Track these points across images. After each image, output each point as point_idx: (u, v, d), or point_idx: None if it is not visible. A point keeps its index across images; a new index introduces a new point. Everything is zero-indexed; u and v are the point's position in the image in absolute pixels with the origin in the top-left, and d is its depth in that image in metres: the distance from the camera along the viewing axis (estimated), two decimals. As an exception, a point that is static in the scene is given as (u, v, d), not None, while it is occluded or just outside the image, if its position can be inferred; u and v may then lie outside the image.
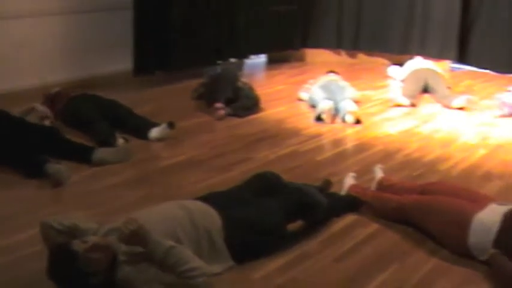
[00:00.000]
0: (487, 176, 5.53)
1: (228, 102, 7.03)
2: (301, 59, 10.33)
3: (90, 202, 4.73)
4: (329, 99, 7.01)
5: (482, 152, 6.17)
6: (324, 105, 6.84)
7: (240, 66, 9.39)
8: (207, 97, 7.37)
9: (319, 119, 6.86)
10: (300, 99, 7.71)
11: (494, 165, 5.83)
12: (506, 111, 7.46)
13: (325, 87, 7.33)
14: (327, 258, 3.96)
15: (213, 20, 8.84)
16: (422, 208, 4.24)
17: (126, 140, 5.99)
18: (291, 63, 10.06)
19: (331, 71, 8.10)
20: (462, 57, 10.35)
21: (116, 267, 3.35)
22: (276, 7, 9.71)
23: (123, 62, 8.21)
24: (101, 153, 5.52)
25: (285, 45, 10.16)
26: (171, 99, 7.74)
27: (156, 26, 8.27)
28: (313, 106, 7.22)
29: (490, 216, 3.92)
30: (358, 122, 6.84)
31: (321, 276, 3.75)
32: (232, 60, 9.44)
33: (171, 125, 6.12)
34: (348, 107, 6.79)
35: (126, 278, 3.34)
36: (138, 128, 6.25)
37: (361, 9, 10.38)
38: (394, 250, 4.10)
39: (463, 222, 3.95)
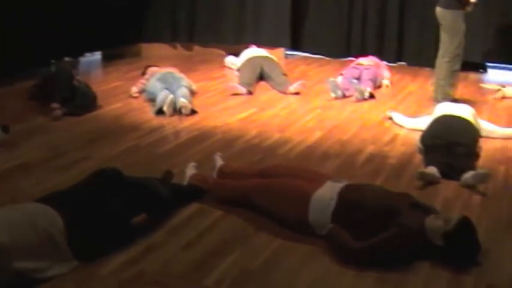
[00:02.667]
0: (325, 156, 5.75)
1: (64, 102, 6.86)
2: (137, 54, 10.23)
3: None
4: (167, 89, 7.01)
5: (318, 133, 6.39)
6: (164, 97, 6.83)
7: (74, 65, 9.18)
8: (42, 97, 7.15)
9: (160, 111, 6.83)
10: (132, 96, 7.62)
11: (331, 145, 6.06)
12: (339, 93, 7.75)
13: (162, 79, 7.31)
14: (174, 248, 3.96)
15: (45, 18, 8.58)
16: (263, 191, 4.33)
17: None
18: (126, 59, 9.94)
19: (151, 65, 8.08)
20: (296, 44, 10.66)
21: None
22: (109, 3, 9.55)
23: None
24: None
25: (120, 41, 10.02)
26: (3, 103, 7.45)
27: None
28: (152, 100, 7.18)
29: (327, 193, 4.07)
30: (193, 112, 6.88)
31: (168, 266, 3.74)
32: (67, 58, 9.21)
33: (5, 129, 5.90)
34: (179, 103, 6.80)
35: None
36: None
37: (194, 2, 10.43)
38: (238, 234, 4.16)
39: (302, 201, 4.08)
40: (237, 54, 9.35)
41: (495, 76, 9.92)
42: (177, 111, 6.83)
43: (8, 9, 8.00)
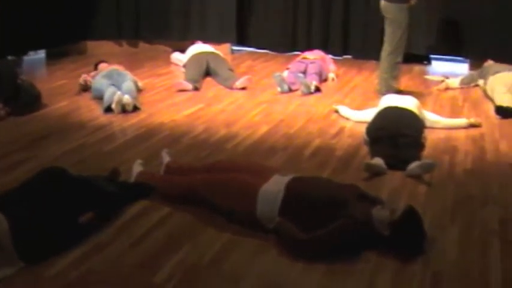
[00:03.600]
0: (272, 150, 5.78)
1: (8, 101, 6.75)
2: (82, 52, 10.13)
3: None
4: (114, 86, 6.96)
5: (265, 127, 6.42)
6: (111, 94, 6.78)
7: (18, 63, 9.03)
8: (-16, 97, 7.04)
9: (108, 109, 6.77)
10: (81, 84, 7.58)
11: (278, 138, 6.10)
12: (285, 88, 7.79)
13: (108, 76, 7.26)
14: (122, 246, 3.94)
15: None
16: (211, 186, 4.34)
17: None
18: (71, 57, 9.83)
19: (102, 61, 8.03)
20: (242, 40, 10.68)
21: None
22: (53, 0, 9.42)
23: None
24: None
25: (64, 39, 9.90)
26: None
27: None
28: (98, 97, 7.12)
29: (274, 186, 4.09)
30: (136, 108, 6.84)
31: (117, 264, 3.72)
32: (10, 57, 9.06)
33: None
34: (123, 100, 6.74)
35: None
36: None
37: (139, -1, 10.39)
38: (186, 230, 4.16)
39: (249, 195, 4.10)
40: (183, 51, 9.34)
41: (439, 68, 10.07)
42: (121, 108, 6.78)
43: None
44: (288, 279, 3.62)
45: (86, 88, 7.56)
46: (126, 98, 6.73)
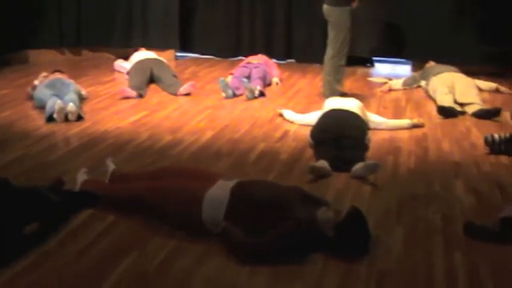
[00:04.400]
0: (217, 155, 5.78)
1: None
2: (24, 61, 9.97)
3: None
4: (56, 96, 6.88)
5: (210, 133, 6.42)
6: (52, 104, 6.70)
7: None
8: None
9: (50, 119, 6.69)
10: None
11: (223, 144, 6.10)
12: (230, 93, 7.80)
13: (51, 86, 7.17)
14: (68, 255, 3.89)
15: None
16: (156, 193, 4.31)
17: None
18: (13, 66, 9.67)
19: (57, 70, 7.94)
20: (186, 46, 10.67)
21: None
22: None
23: None
24: None
25: (5, 48, 9.73)
26: None
27: None
28: (41, 107, 7.02)
29: (219, 191, 4.10)
30: (80, 118, 6.77)
31: (63, 274, 3.67)
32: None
33: None
34: (68, 107, 6.67)
35: None
36: None
37: (80, 6, 10.26)
38: (132, 238, 4.13)
39: (195, 201, 4.09)
40: (126, 58, 9.29)
41: (382, 70, 10.22)
42: (64, 115, 6.69)
43: None
44: (236, 283, 3.62)
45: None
46: (71, 106, 6.66)
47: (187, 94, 7.91)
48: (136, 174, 4.82)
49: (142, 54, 8.96)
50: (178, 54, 10.72)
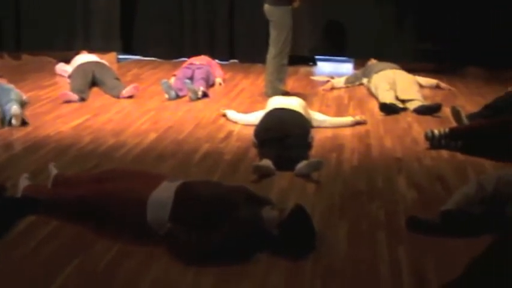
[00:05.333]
0: (161, 157, 5.76)
1: None
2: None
3: None
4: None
5: (154, 135, 6.38)
6: (9, 108, 6.58)
7: None
8: None
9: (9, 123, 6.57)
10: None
11: (166, 145, 6.09)
12: (173, 94, 7.77)
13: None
14: (12, 262, 3.82)
15: None
16: (99, 197, 4.27)
17: None
18: None
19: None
20: (128, 48, 10.60)
21: None
22: None
23: None
24: None
25: None
26: None
27: None
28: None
29: (163, 192, 4.08)
30: (24, 123, 6.65)
31: (8, 281, 3.61)
32: None
33: None
34: (12, 111, 6.57)
35: None
36: None
37: (20, 9, 10.13)
38: (77, 242, 4.08)
39: (139, 203, 4.07)
40: (67, 61, 9.17)
41: (324, 68, 10.31)
42: (7, 123, 6.58)
43: None
44: (182, 284, 3.61)
45: None
46: (14, 110, 6.53)
47: (130, 96, 7.86)
48: (80, 178, 4.77)
49: (84, 57, 8.86)
50: (120, 56, 10.64)
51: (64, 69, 9.10)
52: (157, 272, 3.72)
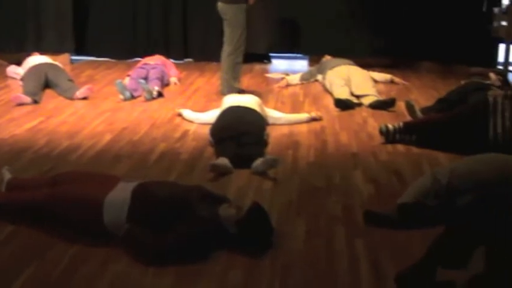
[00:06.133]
0: (116, 158, 5.72)
1: None
2: None
3: None
4: None
5: (109, 136, 6.33)
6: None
7: None
8: None
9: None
10: None
11: (122, 146, 6.04)
12: (127, 95, 7.72)
13: None
14: (-36, 270, 3.77)
15: None
16: (55, 200, 4.22)
17: None
18: None
19: None
20: (81, 49, 10.51)
21: None
22: None
23: None
24: None
25: None
26: None
27: None
28: None
29: (120, 194, 4.06)
30: None
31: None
32: None
33: None
34: None
35: None
36: None
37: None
38: (33, 247, 4.02)
39: (95, 205, 4.04)
40: (19, 63, 9.04)
41: (279, 65, 10.34)
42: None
43: None
44: (141, 285, 3.59)
45: None
46: None
47: (84, 98, 7.78)
48: (34, 181, 4.71)
49: (36, 59, 8.74)
50: (74, 57, 10.54)
51: (16, 71, 8.97)
52: (116, 275, 3.69)
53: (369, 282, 3.61)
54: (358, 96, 7.63)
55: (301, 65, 10.25)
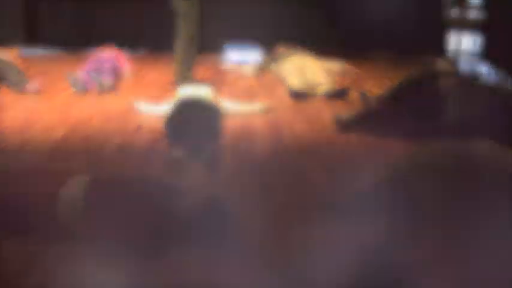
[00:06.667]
0: (70, 153, 5.63)
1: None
2: None
3: None
4: None
5: (62, 131, 6.23)
6: None
7: None
8: None
9: None
10: None
11: (76, 141, 5.95)
12: (80, 88, 7.64)
13: None
14: None
15: None
16: (5, 200, 4.15)
17: None
18: None
19: None
20: (32, 41, 10.38)
21: None
22: None
23: None
24: None
25: None
26: None
27: None
28: None
29: (73, 189, 4.00)
30: None
31: None
32: None
33: None
34: None
35: None
36: None
37: None
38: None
39: (48, 202, 3.98)
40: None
41: (234, 56, 10.30)
42: None
43: None
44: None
45: None
46: None
47: (36, 92, 7.67)
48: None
49: (-18, 52, 8.61)
50: (24, 50, 10.37)
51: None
52: (75, 272, 3.64)
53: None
54: (312, 86, 7.66)
55: (256, 55, 10.24)
